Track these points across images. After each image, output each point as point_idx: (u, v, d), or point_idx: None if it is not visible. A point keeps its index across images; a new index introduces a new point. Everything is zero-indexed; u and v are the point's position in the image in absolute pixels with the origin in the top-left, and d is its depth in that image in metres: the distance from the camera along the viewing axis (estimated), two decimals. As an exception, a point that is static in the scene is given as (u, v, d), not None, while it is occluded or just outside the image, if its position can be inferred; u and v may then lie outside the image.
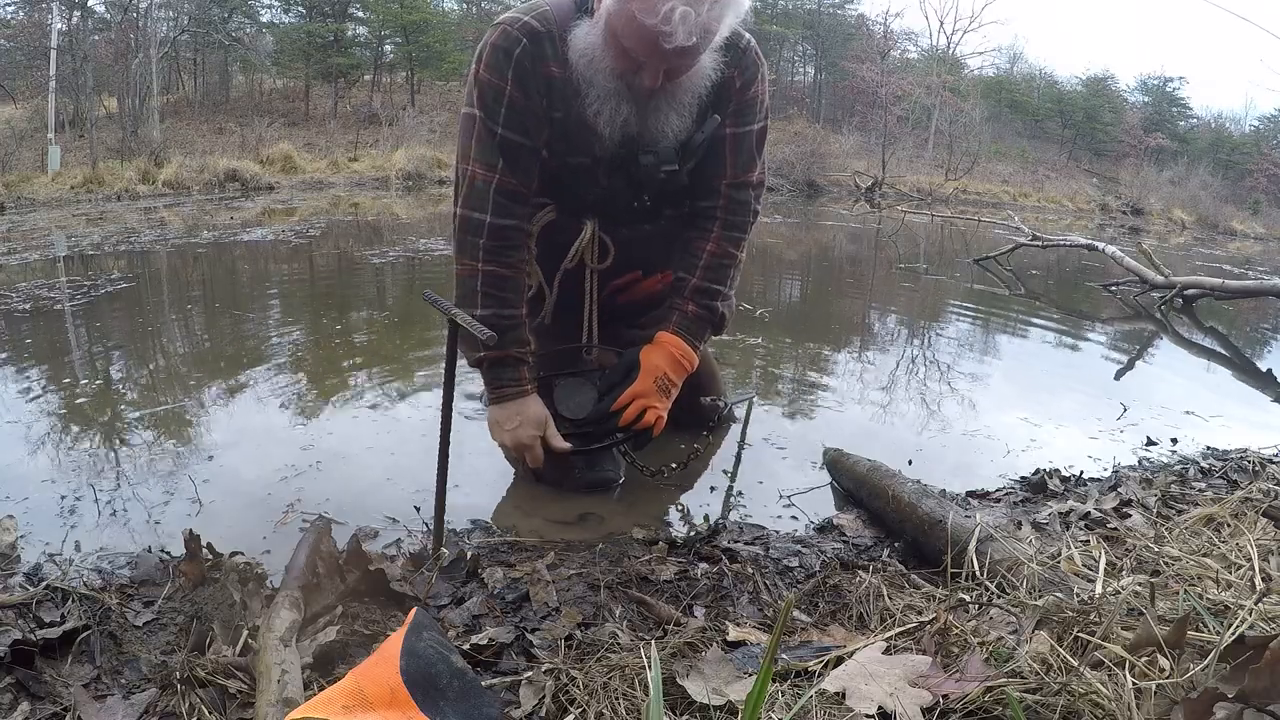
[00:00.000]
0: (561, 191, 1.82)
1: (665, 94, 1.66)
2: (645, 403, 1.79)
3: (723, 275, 1.90)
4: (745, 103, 1.81)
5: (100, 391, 2.50)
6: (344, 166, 13.95)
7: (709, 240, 1.88)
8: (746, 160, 1.86)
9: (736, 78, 1.76)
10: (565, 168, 1.77)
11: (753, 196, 1.90)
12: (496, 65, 1.65)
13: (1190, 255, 11.16)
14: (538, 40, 1.64)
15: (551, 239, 1.88)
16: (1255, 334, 5.21)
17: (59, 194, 9.10)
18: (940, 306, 5.13)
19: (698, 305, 1.88)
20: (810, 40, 30.94)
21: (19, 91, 15.97)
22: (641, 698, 1.02)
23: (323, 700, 0.95)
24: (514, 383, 1.76)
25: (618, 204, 1.84)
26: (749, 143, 1.85)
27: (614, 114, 1.65)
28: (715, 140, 1.80)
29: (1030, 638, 1.05)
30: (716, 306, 1.91)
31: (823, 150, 20.00)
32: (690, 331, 1.88)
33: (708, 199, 1.88)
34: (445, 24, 25.37)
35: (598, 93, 1.64)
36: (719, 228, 1.88)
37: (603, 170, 1.77)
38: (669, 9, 1.44)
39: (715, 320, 1.93)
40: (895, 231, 10.40)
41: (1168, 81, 36.71)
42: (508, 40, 1.64)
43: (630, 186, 1.81)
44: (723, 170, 1.85)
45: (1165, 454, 2.41)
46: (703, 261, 1.88)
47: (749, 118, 1.83)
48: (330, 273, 5.24)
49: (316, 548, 1.35)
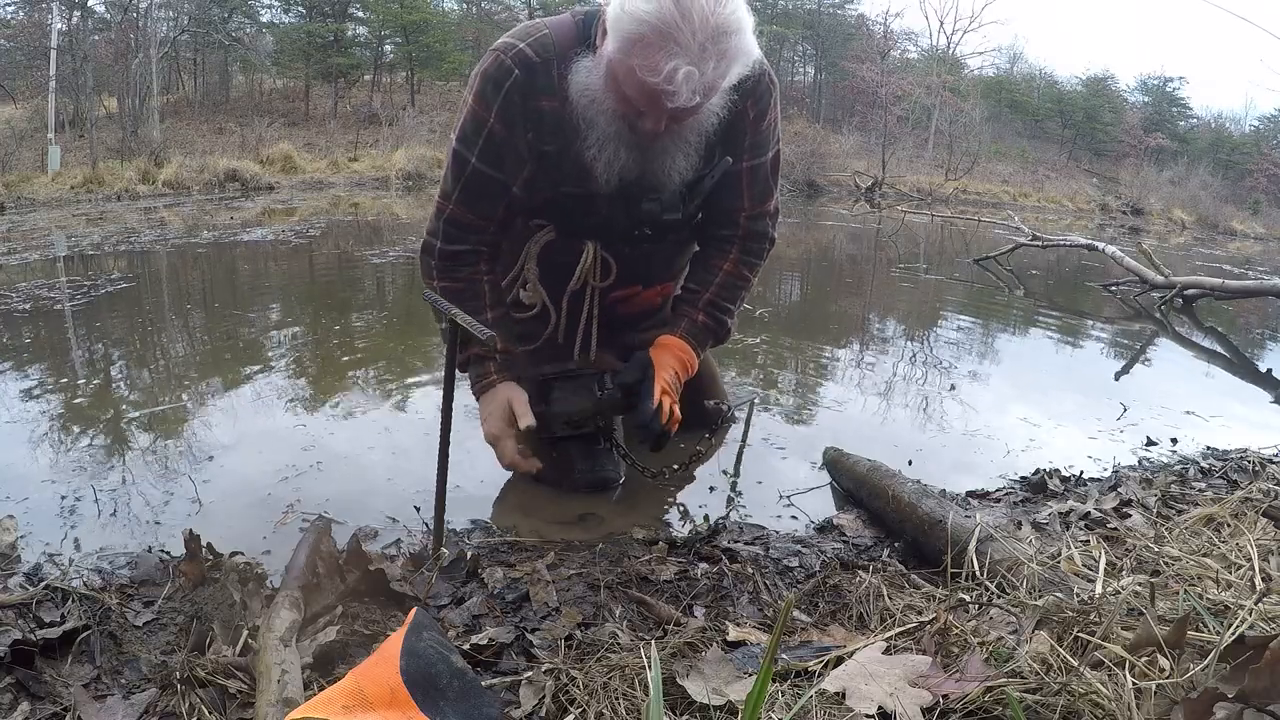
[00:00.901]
0: (559, 214, 1.80)
1: (671, 136, 1.60)
2: (670, 401, 1.78)
3: (734, 295, 1.92)
4: (761, 134, 1.77)
5: (100, 391, 2.50)
6: (344, 166, 13.95)
7: (726, 260, 1.89)
8: (763, 191, 1.85)
9: (750, 109, 1.71)
10: (561, 195, 1.74)
11: (770, 225, 1.91)
12: (484, 95, 1.63)
13: (1190, 255, 11.16)
14: (531, 72, 1.59)
15: (552, 259, 1.87)
16: (1255, 334, 5.21)
17: (59, 194, 9.10)
18: (940, 306, 5.13)
19: (708, 316, 1.90)
20: (810, 40, 30.93)
21: (19, 91, 15.98)
22: (641, 698, 1.02)
23: (323, 700, 0.95)
24: (481, 378, 1.80)
25: (615, 230, 1.82)
26: (764, 173, 1.83)
27: (613, 159, 1.60)
28: (731, 174, 1.77)
29: (1030, 638, 1.05)
30: (725, 321, 1.93)
31: (823, 150, 20.00)
32: (696, 338, 1.89)
33: (726, 229, 1.89)
34: (445, 24, 25.37)
35: (598, 135, 1.58)
36: (737, 251, 1.90)
37: (602, 202, 1.74)
38: (672, 69, 1.37)
39: (721, 334, 1.95)
40: (895, 232, 10.41)
41: (1168, 81, 36.74)
42: (500, 71, 1.60)
43: (629, 219, 1.78)
44: (740, 203, 1.84)
45: (1165, 454, 2.41)
46: (718, 280, 1.89)
47: (764, 149, 1.80)
48: (330, 273, 5.24)
49: (316, 548, 1.35)
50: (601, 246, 1.85)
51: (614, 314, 1.98)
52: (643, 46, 1.39)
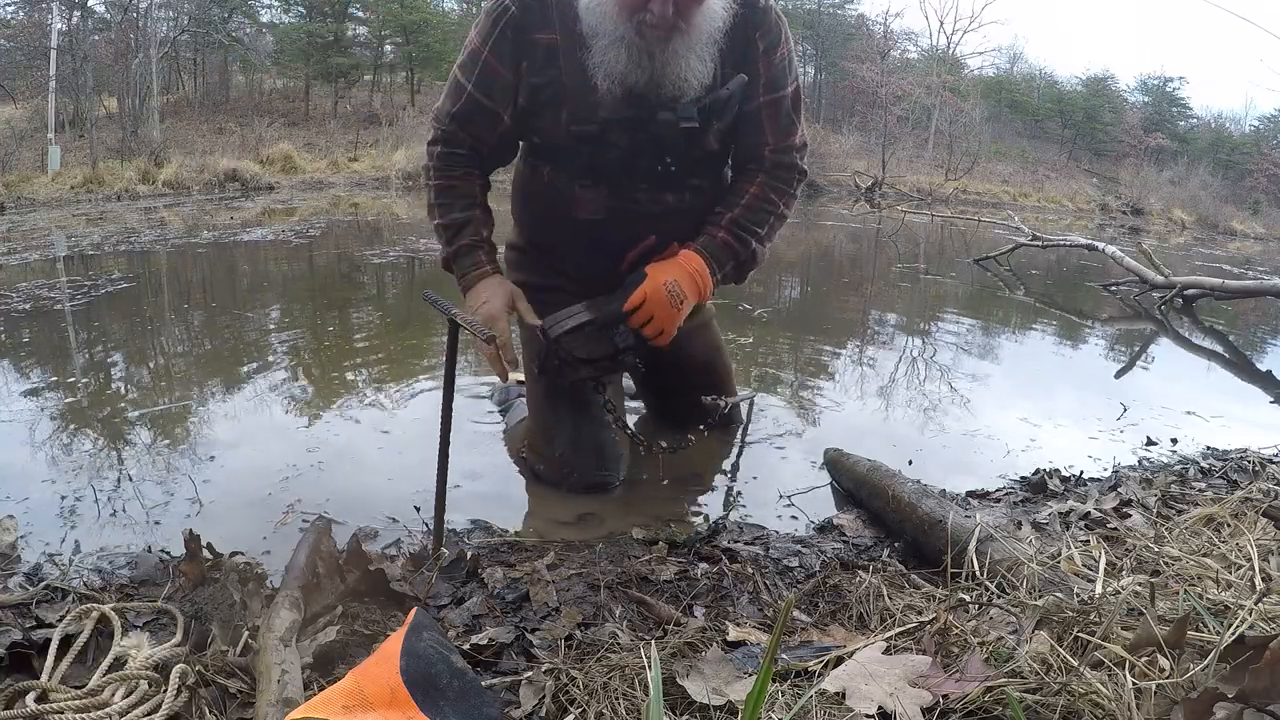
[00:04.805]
0: (574, 158, 1.78)
1: (680, 35, 1.59)
2: (654, 308, 1.69)
3: (761, 219, 1.83)
4: (775, 67, 1.76)
5: (100, 391, 2.50)
6: (344, 166, 13.93)
7: (753, 184, 1.83)
8: (787, 125, 1.82)
9: (759, 40, 1.72)
10: (571, 137, 1.73)
11: (797, 158, 1.86)
12: (481, 29, 1.72)
13: (1190, 255, 11.15)
14: (526, 8, 1.67)
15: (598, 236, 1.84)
16: (1255, 334, 5.20)
17: (59, 194, 9.10)
18: (940, 306, 5.13)
19: (729, 234, 1.81)
20: (810, 40, 30.88)
21: (19, 91, 15.96)
22: (641, 698, 1.02)
23: (323, 700, 0.95)
24: (473, 267, 1.79)
25: (638, 169, 1.77)
26: (785, 107, 1.81)
27: (614, 65, 1.60)
28: (752, 111, 1.77)
29: (1030, 638, 1.05)
30: (748, 241, 1.83)
31: (823, 150, 19.98)
32: (713, 255, 1.79)
33: (752, 164, 1.85)
34: (445, 24, 25.32)
35: (604, 41, 1.60)
36: (763, 176, 1.84)
37: (615, 134, 1.72)
38: None
39: (743, 255, 1.84)
40: (895, 232, 10.40)
41: (1168, 81, 36.70)
42: (497, 6, 1.70)
43: (650, 147, 1.75)
44: (764, 139, 1.81)
45: (1165, 454, 2.41)
46: (744, 201, 1.82)
47: (782, 82, 1.78)
48: (330, 273, 5.24)
49: (316, 548, 1.35)
50: (619, 200, 1.80)
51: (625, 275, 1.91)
52: None
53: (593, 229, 1.83)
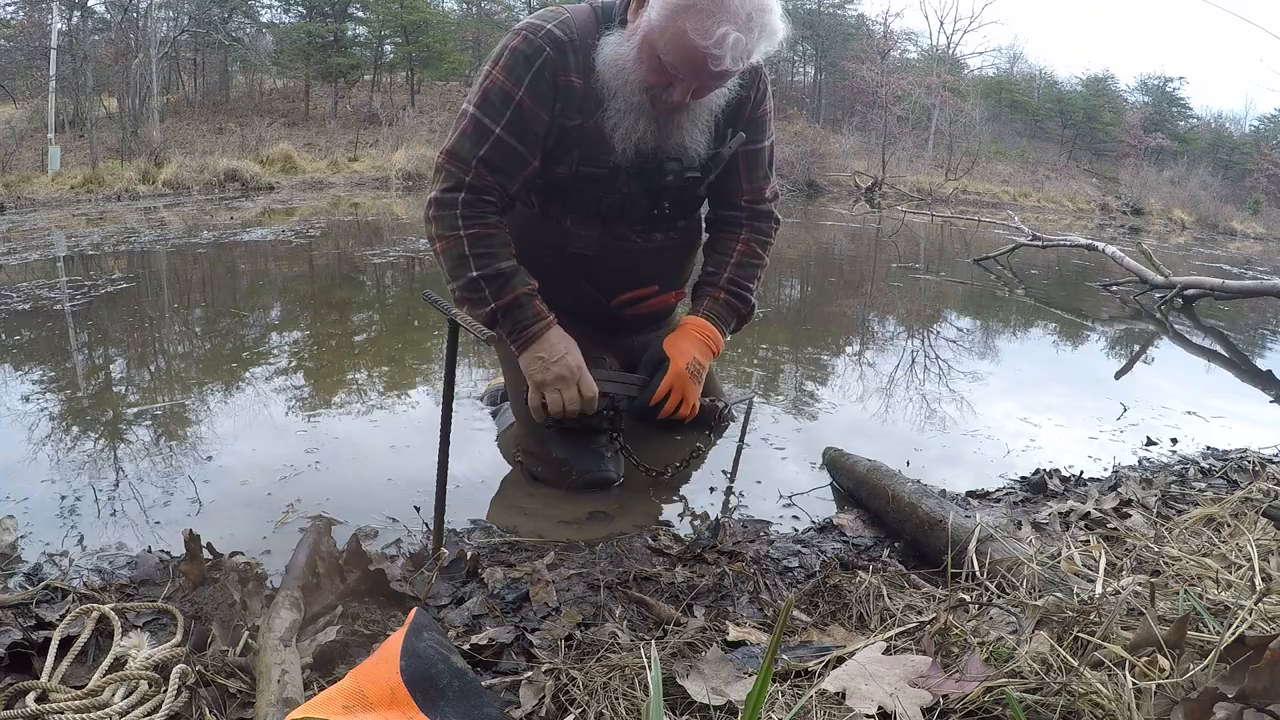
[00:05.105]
0: (578, 197, 1.82)
1: (686, 111, 1.69)
2: (680, 392, 1.81)
3: (751, 274, 1.96)
4: (758, 120, 1.86)
5: (100, 391, 2.50)
6: (344, 166, 13.93)
7: (738, 241, 1.95)
8: (761, 175, 1.93)
9: (751, 96, 1.81)
10: (581, 177, 1.78)
11: (773, 207, 1.98)
12: (514, 70, 1.67)
13: (1190, 255, 11.16)
14: (562, 50, 1.67)
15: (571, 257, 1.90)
16: (1255, 334, 5.20)
17: (59, 194, 9.10)
18: (939, 306, 5.13)
19: (729, 294, 1.93)
20: (810, 40, 30.89)
21: (19, 91, 15.96)
22: (641, 698, 1.02)
23: (323, 700, 0.95)
24: (536, 318, 1.72)
25: (635, 212, 1.86)
26: (762, 159, 1.92)
27: (632, 129, 1.68)
28: (730, 159, 1.85)
29: (1030, 638, 1.05)
30: (746, 297, 1.95)
31: (823, 150, 20.01)
32: (719, 317, 1.91)
33: (730, 211, 1.96)
34: (445, 24, 25.36)
35: (619, 105, 1.66)
36: (747, 231, 1.95)
37: (622, 179, 1.79)
38: (723, 34, 1.47)
39: (744, 311, 1.97)
40: (895, 231, 10.40)
41: (1168, 81, 36.74)
42: (530, 48, 1.66)
43: (649, 194, 1.83)
44: (739, 186, 1.92)
45: (1165, 454, 2.41)
46: (734, 259, 1.94)
47: (761, 135, 1.89)
48: (330, 273, 5.24)
49: (316, 548, 1.35)
50: (612, 236, 1.87)
51: (623, 317, 1.98)
52: (695, 12, 1.49)
53: (583, 263, 1.90)
